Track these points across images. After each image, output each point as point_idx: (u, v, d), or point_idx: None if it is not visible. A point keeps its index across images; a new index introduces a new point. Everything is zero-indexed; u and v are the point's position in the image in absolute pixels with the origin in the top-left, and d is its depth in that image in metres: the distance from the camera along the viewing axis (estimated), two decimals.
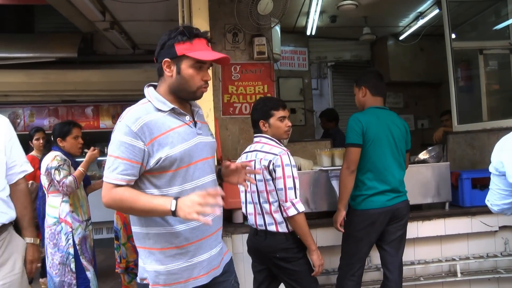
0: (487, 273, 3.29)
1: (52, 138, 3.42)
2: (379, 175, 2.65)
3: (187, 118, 1.74)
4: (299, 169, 3.21)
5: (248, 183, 2.28)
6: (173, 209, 1.53)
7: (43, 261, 4.57)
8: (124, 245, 3.72)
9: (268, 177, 2.40)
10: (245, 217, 3.11)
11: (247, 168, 1.94)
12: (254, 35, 4.13)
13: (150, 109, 1.69)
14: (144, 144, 1.61)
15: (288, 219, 2.39)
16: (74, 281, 3.07)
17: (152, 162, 1.63)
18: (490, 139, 3.89)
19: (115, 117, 7.99)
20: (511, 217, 3.30)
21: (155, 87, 1.79)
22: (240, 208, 2.75)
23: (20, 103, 7.09)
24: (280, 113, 2.52)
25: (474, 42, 5.09)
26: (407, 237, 3.01)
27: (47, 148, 3.37)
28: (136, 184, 1.67)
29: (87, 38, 6.35)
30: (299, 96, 6.27)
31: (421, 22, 5.79)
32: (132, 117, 1.64)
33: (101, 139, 7.65)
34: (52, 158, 3.18)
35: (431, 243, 3.31)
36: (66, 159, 3.24)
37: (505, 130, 3.71)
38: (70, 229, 3.11)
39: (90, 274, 3.16)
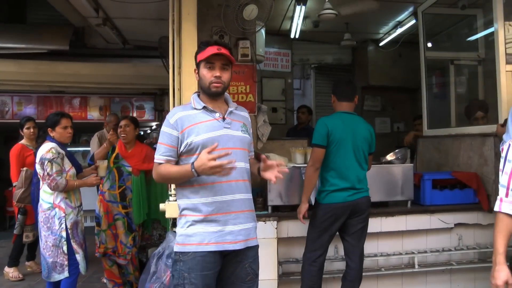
0: (441, 265, 3.61)
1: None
2: (341, 174, 2.94)
3: (217, 114, 2.15)
4: None
5: None
6: (193, 169, 1.98)
7: (32, 245, 4.79)
8: (104, 232, 3.86)
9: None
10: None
11: (280, 166, 2.16)
12: (239, 38, 4.26)
13: (188, 107, 2.18)
14: (178, 132, 2.10)
15: None
16: (66, 262, 3.25)
17: (182, 146, 2.10)
18: (453, 144, 4.20)
19: (102, 109, 8.08)
20: (466, 215, 3.65)
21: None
22: None
23: (9, 91, 7.14)
24: None
25: (446, 53, 5.40)
26: (371, 231, 3.32)
27: (43, 137, 3.52)
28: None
29: (78, 31, 6.39)
30: (281, 96, 6.53)
31: (399, 30, 6.05)
32: (171, 113, 2.17)
33: (88, 130, 7.77)
34: (48, 150, 3.29)
35: (393, 237, 3.59)
36: (60, 152, 3.36)
37: (467, 136, 4.04)
38: (63, 214, 3.27)
39: (79, 256, 3.33)
